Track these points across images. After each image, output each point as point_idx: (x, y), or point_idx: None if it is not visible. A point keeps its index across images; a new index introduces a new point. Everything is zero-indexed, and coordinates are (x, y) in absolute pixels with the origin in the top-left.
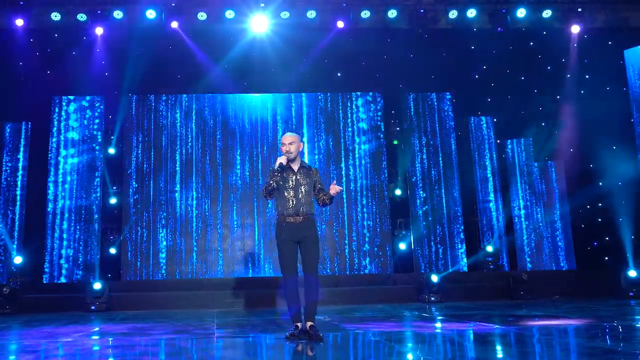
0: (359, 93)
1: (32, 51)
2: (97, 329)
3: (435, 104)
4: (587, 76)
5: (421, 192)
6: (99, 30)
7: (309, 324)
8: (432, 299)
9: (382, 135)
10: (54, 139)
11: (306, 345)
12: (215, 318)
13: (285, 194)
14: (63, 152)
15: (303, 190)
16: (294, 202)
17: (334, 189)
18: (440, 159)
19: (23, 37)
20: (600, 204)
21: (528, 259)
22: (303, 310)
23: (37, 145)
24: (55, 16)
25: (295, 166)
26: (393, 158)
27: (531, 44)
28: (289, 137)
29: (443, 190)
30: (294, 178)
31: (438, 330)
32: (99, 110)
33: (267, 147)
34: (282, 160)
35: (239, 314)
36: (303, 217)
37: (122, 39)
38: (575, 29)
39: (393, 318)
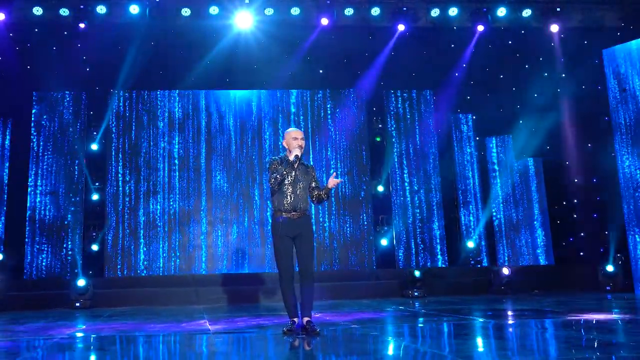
0: (341, 90)
1: (12, 46)
2: (85, 326)
3: (415, 101)
4: (563, 75)
5: (403, 188)
6: (81, 26)
7: (305, 319)
8: (416, 293)
9: (364, 132)
10: (35, 135)
11: (304, 340)
12: (204, 314)
13: (284, 190)
14: (44, 148)
15: (301, 186)
16: (292, 198)
17: (332, 182)
18: (421, 156)
19: (3, 31)
20: (576, 200)
21: (507, 255)
22: (299, 306)
23: (19, 141)
24: (37, 11)
25: (297, 161)
26: (375, 155)
27: (510, 42)
28: (301, 132)
29: (424, 187)
30: (292, 174)
31: (432, 324)
32: (81, 107)
33: (250, 143)
34: (298, 152)
35: (227, 310)
36: (300, 213)
37: (105, 34)
38: (554, 28)
39: (383, 312)
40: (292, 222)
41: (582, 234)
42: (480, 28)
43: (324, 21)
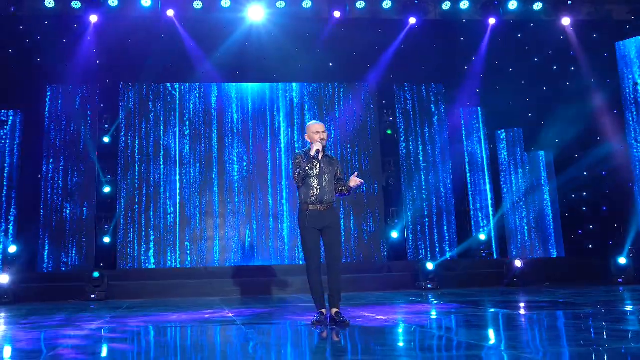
0: (352, 83)
1: (24, 38)
2: (108, 318)
3: (425, 94)
4: (572, 68)
5: (413, 181)
6: (93, 18)
7: (334, 310)
8: (429, 286)
9: (375, 125)
10: (48, 127)
11: (334, 331)
12: (223, 305)
13: (309, 182)
14: (57, 141)
15: (327, 178)
16: (318, 191)
17: (354, 181)
18: (432, 148)
19: (16, 24)
20: (585, 193)
21: (518, 247)
22: (327, 297)
23: (31, 134)
24: (49, 3)
25: (320, 155)
26: (386, 148)
27: (519, 35)
28: (322, 126)
29: (434, 180)
30: (318, 166)
31: (457, 316)
32: (93, 100)
33: (262, 135)
34: (319, 146)
35: (243, 302)
36: (326, 205)
37: (116, 27)
38: (565, 21)
39: (402, 304)
40: (320, 215)
41: (591, 227)
42: (492, 21)
43: (336, 14)
